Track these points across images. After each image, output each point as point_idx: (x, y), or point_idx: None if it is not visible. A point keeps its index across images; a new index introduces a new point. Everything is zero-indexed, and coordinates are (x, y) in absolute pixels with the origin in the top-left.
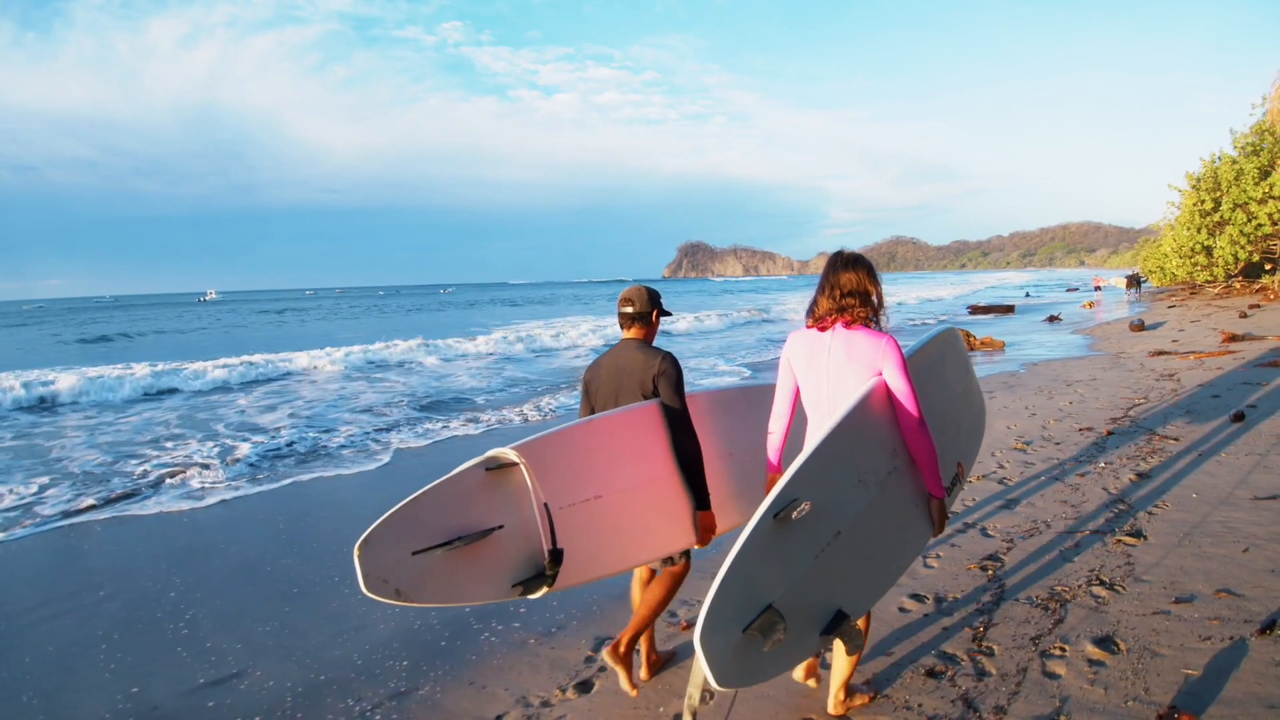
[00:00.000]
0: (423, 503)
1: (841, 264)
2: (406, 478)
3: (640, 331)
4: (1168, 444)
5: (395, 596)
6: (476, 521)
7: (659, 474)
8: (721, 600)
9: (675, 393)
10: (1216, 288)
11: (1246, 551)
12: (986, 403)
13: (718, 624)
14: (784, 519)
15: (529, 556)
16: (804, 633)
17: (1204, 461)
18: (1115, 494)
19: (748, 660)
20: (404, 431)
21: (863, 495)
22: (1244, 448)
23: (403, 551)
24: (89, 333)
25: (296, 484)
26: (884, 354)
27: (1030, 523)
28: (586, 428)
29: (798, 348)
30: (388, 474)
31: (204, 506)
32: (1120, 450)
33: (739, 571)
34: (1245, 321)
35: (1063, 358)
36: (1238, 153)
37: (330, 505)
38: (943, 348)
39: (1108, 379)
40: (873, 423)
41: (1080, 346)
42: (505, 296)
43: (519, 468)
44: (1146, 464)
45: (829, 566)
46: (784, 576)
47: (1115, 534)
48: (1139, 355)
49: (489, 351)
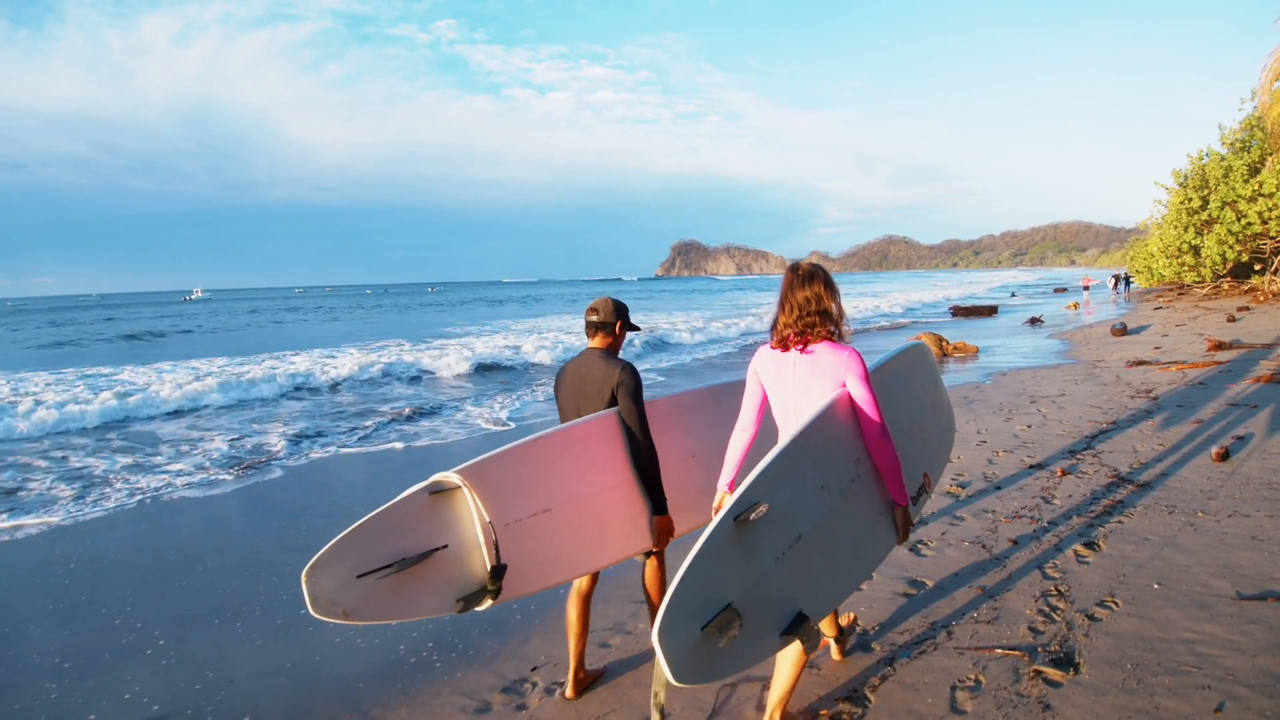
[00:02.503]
0: (368, 528)
1: (799, 282)
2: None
3: (604, 341)
4: (1130, 492)
5: (343, 617)
6: (421, 543)
7: (613, 482)
8: (680, 598)
9: (633, 402)
10: (1204, 289)
11: (1220, 712)
12: None
13: (676, 621)
14: (744, 521)
15: (473, 573)
16: (764, 632)
17: (1176, 526)
18: (1049, 584)
19: (706, 657)
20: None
21: (825, 500)
22: (1228, 503)
23: (348, 575)
24: (59, 336)
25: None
26: (846, 366)
27: (923, 623)
28: (535, 444)
29: (765, 362)
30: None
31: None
32: (1072, 501)
33: (698, 571)
34: (1234, 326)
35: (1034, 366)
36: (1226, 149)
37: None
38: (911, 361)
39: (1078, 395)
40: (836, 431)
41: (1055, 353)
42: (491, 296)
43: (462, 490)
44: (1099, 530)
45: (790, 569)
46: (744, 577)
47: (1034, 663)
48: (1116, 365)
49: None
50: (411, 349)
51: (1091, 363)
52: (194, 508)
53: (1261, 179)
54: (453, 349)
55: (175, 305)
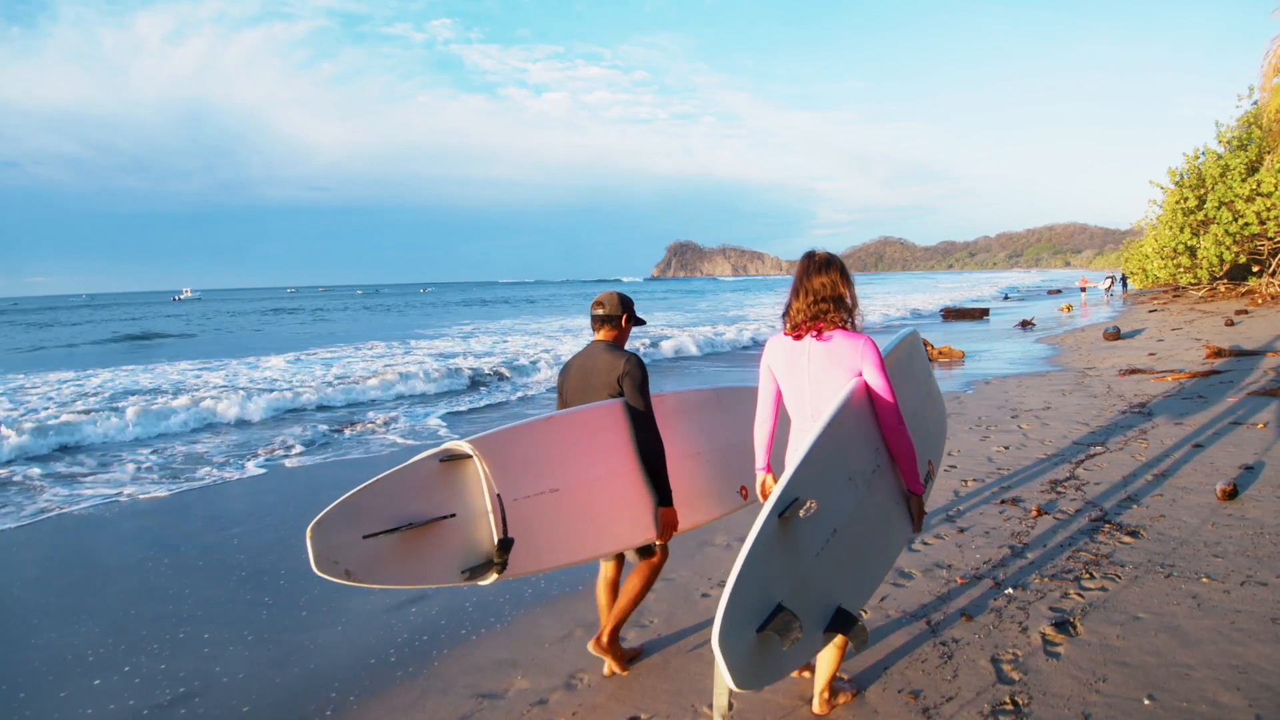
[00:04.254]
0: (377, 489)
1: (815, 268)
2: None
3: (610, 334)
4: (1118, 544)
5: (345, 577)
6: (429, 509)
7: (620, 470)
8: (736, 601)
9: (639, 393)
10: (1200, 290)
11: None
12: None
13: (734, 626)
14: (789, 518)
15: (480, 545)
16: (811, 629)
17: (1174, 598)
18: (1002, 693)
19: (763, 661)
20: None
21: (853, 493)
22: (1239, 563)
23: (354, 534)
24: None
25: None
26: (863, 354)
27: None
28: (547, 424)
29: (777, 353)
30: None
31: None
32: (1046, 553)
33: (751, 572)
34: (1232, 331)
35: (1020, 374)
36: (1223, 148)
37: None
38: (909, 349)
39: (1064, 408)
40: (857, 422)
41: (1044, 359)
42: (479, 297)
43: (473, 460)
44: (1077, 596)
45: (828, 564)
46: (789, 575)
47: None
48: (1108, 373)
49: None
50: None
51: (1081, 370)
52: None
53: (1260, 178)
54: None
55: (162, 305)
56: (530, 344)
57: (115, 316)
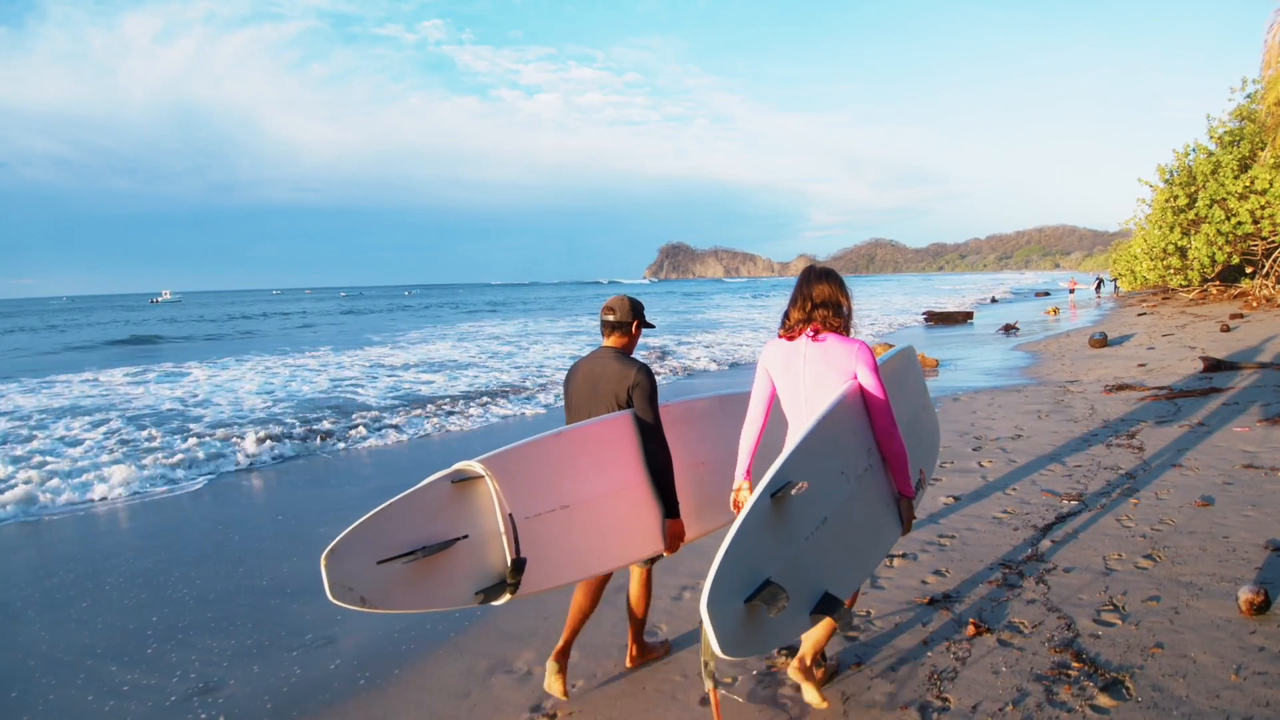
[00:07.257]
0: (389, 514)
1: (814, 277)
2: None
3: (619, 340)
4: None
5: (361, 604)
6: (442, 532)
7: (629, 483)
8: (725, 572)
9: (649, 404)
10: (1191, 293)
11: None
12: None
13: (721, 594)
14: (781, 499)
15: (493, 565)
16: (798, 608)
17: None
18: None
19: (749, 630)
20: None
21: (845, 486)
22: None
23: (368, 561)
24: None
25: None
26: (857, 357)
27: None
28: (556, 439)
29: (774, 355)
30: None
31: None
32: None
33: (740, 546)
34: (1228, 337)
35: (994, 387)
36: (1215, 144)
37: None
38: (904, 362)
39: (1038, 437)
40: (850, 421)
41: (1022, 370)
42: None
43: (485, 480)
44: None
45: (817, 549)
46: (779, 555)
47: None
48: (1092, 390)
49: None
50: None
51: (1062, 385)
52: None
53: (1253, 174)
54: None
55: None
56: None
57: (73, 322)
